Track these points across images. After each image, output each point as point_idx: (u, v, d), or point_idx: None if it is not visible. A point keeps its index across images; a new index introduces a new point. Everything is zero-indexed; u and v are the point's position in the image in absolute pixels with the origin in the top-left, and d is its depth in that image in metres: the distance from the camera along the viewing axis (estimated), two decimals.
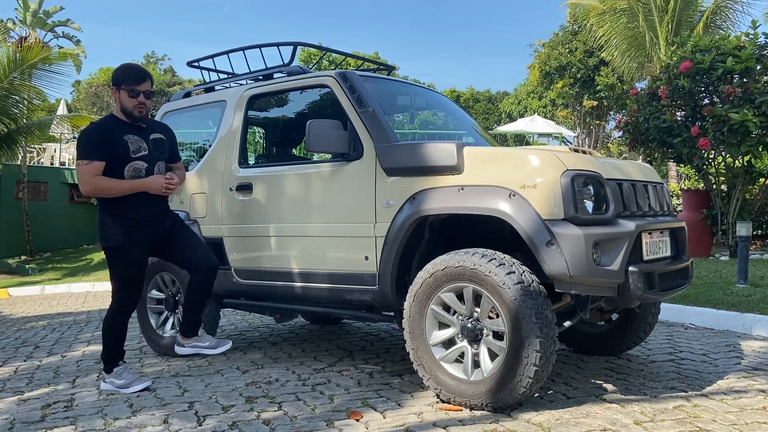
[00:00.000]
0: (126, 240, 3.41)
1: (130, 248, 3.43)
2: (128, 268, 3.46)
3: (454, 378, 2.97)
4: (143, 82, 3.45)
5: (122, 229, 3.41)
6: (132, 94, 3.42)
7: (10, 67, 11.50)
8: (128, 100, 3.43)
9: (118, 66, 3.55)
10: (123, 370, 3.50)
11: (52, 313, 7.37)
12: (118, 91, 3.46)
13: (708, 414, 2.85)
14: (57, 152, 19.67)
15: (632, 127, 8.40)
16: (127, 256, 3.43)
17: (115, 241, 3.41)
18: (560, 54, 22.50)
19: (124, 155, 3.40)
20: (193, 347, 3.78)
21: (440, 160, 3.12)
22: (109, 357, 3.51)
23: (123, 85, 3.43)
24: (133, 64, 3.63)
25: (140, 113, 3.47)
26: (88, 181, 3.34)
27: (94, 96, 28.66)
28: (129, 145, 3.43)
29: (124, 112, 3.47)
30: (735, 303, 5.12)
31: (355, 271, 3.43)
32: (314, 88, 3.92)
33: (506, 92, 33.20)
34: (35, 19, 18.82)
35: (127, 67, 3.52)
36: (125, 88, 3.42)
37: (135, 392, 3.39)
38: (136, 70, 3.50)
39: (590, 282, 2.83)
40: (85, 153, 3.35)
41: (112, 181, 3.38)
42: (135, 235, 3.44)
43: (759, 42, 7.38)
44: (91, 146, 3.36)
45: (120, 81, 3.45)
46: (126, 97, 3.42)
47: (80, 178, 3.37)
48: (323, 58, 23.65)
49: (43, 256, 15.25)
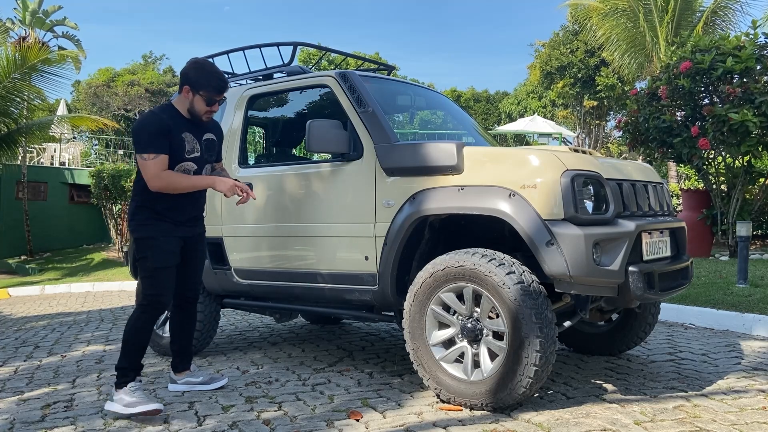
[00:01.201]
0: (158, 231, 3.18)
1: (162, 240, 3.18)
2: (160, 259, 3.17)
3: (454, 378, 2.97)
4: (223, 92, 3.23)
5: (155, 222, 3.18)
6: (208, 103, 3.18)
7: (11, 67, 11.50)
8: (201, 107, 3.18)
9: (195, 62, 3.24)
10: (137, 388, 3.08)
11: (52, 313, 7.37)
12: (193, 93, 3.17)
13: (708, 414, 2.85)
14: (57, 152, 19.67)
15: (632, 127, 8.40)
16: (160, 247, 3.17)
17: (147, 232, 3.17)
18: (561, 54, 22.50)
19: (178, 153, 3.16)
20: (185, 383, 3.47)
21: (440, 160, 3.12)
22: (124, 367, 3.11)
23: (201, 90, 3.15)
24: (214, 67, 3.30)
25: (208, 119, 3.27)
26: (158, 175, 3.07)
27: (93, 96, 28.65)
28: (185, 144, 3.19)
29: (192, 114, 3.21)
30: (735, 303, 5.12)
31: (355, 271, 3.43)
32: (314, 88, 3.92)
33: (506, 92, 33.21)
34: (34, 19, 18.80)
35: (209, 71, 3.20)
36: (203, 95, 3.15)
37: (141, 412, 2.96)
38: (218, 79, 3.20)
39: (590, 282, 2.83)
40: (151, 146, 3.07)
41: (182, 176, 3.15)
42: (166, 228, 3.20)
43: (759, 42, 7.38)
44: (157, 139, 3.08)
45: (199, 85, 3.15)
46: (201, 102, 3.17)
47: (149, 172, 3.07)
48: (323, 58, 23.66)
49: (43, 256, 15.24)
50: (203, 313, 4.18)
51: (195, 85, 3.16)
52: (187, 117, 3.21)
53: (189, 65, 3.22)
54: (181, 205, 3.23)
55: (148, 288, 3.17)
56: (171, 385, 3.50)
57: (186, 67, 3.21)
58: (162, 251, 3.18)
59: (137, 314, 3.19)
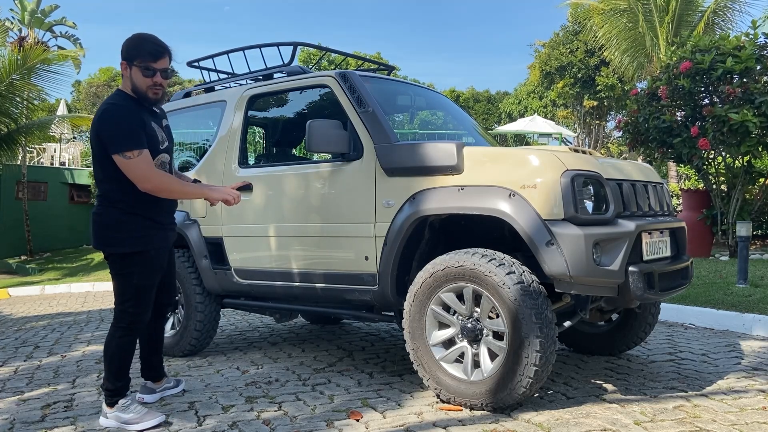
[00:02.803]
0: (149, 243, 2.87)
1: (153, 253, 2.90)
2: (148, 277, 2.91)
3: (454, 378, 2.97)
4: (161, 58, 2.86)
5: (144, 231, 2.87)
6: (147, 73, 2.83)
7: (11, 67, 11.51)
8: (141, 80, 2.84)
9: (129, 36, 2.90)
10: (130, 402, 2.91)
11: (52, 313, 7.37)
12: (129, 67, 2.85)
13: (708, 414, 2.85)
14: (57, 152, 19.67)
15: (632, 127, 8.40)
16: (149, 263, 2.89)
17: (136, 246, 2.85)
18: (561, 54, 22.50)
19: (153, 145, 2.86)
20: (162, 391, 3.30)
21: (440, 160, 3.12)
22: (116, 388, 2.90)
23: (135, 60, 2.83)
24: (148, 34, 2.93)
25: (155, 96, 2.90)
26: (148, 175, 2.76)
27: (94, 96, 28.67)
28: (156, 133, 2.91)
29: (136, 93, 2.88)
30: (735, 303, 5.11)
31: (355, 271, 3.43)
32: (314, 88, 3.92)
33: (506, 92, 33.20)
34: (33, 19, 18.80)
35: (140, 38, 2.87)
36: (138, 65, 2.83)
37: (148, 428, 2.83)
38: (152, 43, 2.87)
39: (590, 282, 2.83)
40: (130, 141, 2.73)
41: (180, 183, 2.92)
42: (157, 238, 2.93)
43: (759, 42, 7.38)
44: (135, 132, 2.76)
45: (132, 55, 2.84)
46: (139, 75, 2.84)
47: (137, 172, 2.74)
48: (323, 58, 23.65)
49: (43, 256, 15.25)
50: (203, 313, 4.18)
51: (128, 57, 2.86)
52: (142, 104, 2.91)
53: (124, 42, 2.90)
54: (168, 204, 3.01)
55: (132, 307, 2.88)
56: (148, 397, 3.24)
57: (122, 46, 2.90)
58: (152, 269, 2.91)
59: (119, 335, 2.90)
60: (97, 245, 2.93)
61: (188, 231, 4.22)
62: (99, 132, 2.80)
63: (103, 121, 2.80)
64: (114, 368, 2.90)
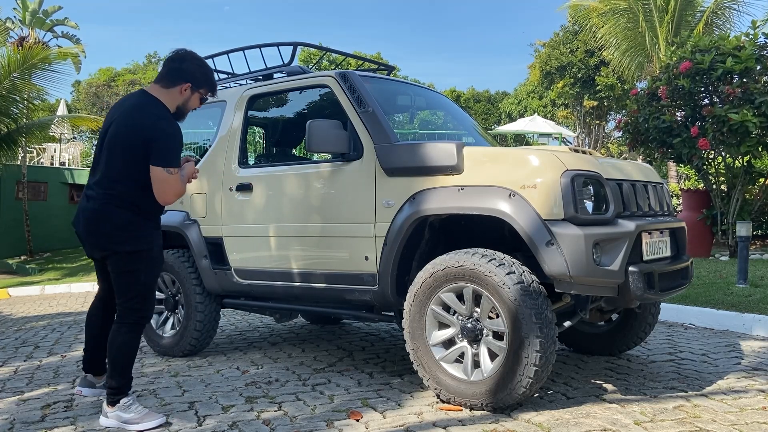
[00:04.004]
0: (154, 243, 3.01)
1: (157, 251, 3.03)
2: (154, 272, 3.04)
3: (454, 378, 2.97)
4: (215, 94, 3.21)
5: (149, 231, 2.99)
6: (202, 101, 3.13)
7: (11, 67, 11.50)
8: (195, 105, 3.10)
9: (195, 58, 3.09)
10: (131, 401, 2.93)
11: (52, 313, 7.37)
12: (192, 90, 3.05)
13: (708, 414, 2.85)
14: (57, 152, 19.66)
15: (632, 127, 8.40)
16: (154, 260, 3.01)
17: (144, 244, 2.95)
18: (561, 54, 22.51)
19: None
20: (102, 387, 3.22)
21: (440, 160, 3.12)
22: (120, 385, 2.92)
23: (202, 89, 3.08)
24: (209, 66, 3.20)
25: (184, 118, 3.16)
26: (178, 192, 2.95)
27: (94, 96, 28.68)
28: None
29: (177, 111, 3.07)
30: (735, 303, 5.12)
31: (355, 271, 3.43)
32: (314, 88, 3.93)
33: (506, 92, 33.21)
34: (34, 19, 18.80)
35: (209, 70, 3.13)
36: (202, 93, 3.09)
37: (149, 429, 2.84)
38: (214, 79, 3.17)
39: (590, 282, 2.83)
40: (176, 159, 2.92)
41: (183, 187, 3.04)
42: (157, 237, 3.05)
43: (759, 42, 7.38)
44: (180, 151, 2.95)
45: (200, 83, 3.06)
46: (196, 102, 3.09)
47: (173, 188, 2.91)
48: (323, 58, 23.65)
49: (43, 256, 15.24)
50: (203, 313, 4.18)
51: (197, 83, 3.05)
52: None
53: (191, 61, 3.06)
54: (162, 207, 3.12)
55: (138, 303, 2.96)
56: (87, 390, 3.28)
57: (187, 63, 3.05)
58: (156, 265, 3.04)
59: (125, 331, 2.95)
60: (102, 245, 2.96)
61: (188, 231, 4.22)
62: (150, 139, 2.86)
63: (160, 131, 2.89)
64: (119, 365, 2.93)
